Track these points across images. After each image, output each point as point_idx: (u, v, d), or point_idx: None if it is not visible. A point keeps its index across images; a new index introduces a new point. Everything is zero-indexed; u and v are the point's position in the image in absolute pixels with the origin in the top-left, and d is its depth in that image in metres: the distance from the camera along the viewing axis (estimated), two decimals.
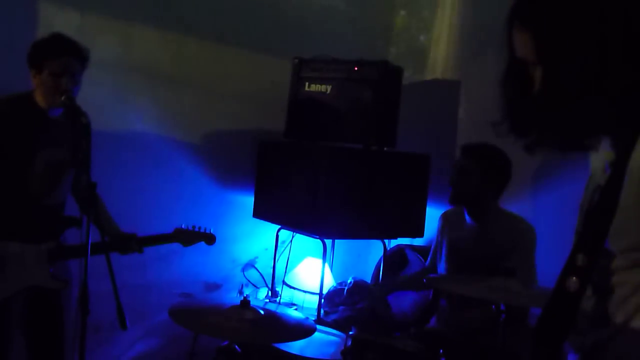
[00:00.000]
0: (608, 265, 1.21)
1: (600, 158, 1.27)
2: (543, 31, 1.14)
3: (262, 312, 2.45)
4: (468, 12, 4.07)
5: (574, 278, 1.11)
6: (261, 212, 3.82)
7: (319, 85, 3.64)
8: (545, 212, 3.32)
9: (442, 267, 3.22)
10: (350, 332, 2.65)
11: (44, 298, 2.77)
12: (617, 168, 1.14)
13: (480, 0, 3.99)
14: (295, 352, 2.66)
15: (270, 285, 3.94)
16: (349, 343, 2.59)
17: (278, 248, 3.92)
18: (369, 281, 3.83)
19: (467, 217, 3.11)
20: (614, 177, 1.13)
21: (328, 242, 3.73)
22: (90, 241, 2.33)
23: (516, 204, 3.26)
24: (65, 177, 2.82)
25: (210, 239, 3.06)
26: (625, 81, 1.10)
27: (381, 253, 3.87)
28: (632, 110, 1.12)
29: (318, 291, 3.59)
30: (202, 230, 3.04)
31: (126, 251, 2.90)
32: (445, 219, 3.29)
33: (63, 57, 2.61)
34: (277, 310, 2.62)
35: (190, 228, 3.02)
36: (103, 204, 2.92)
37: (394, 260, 3.88)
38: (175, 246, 3.04)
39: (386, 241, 3.89)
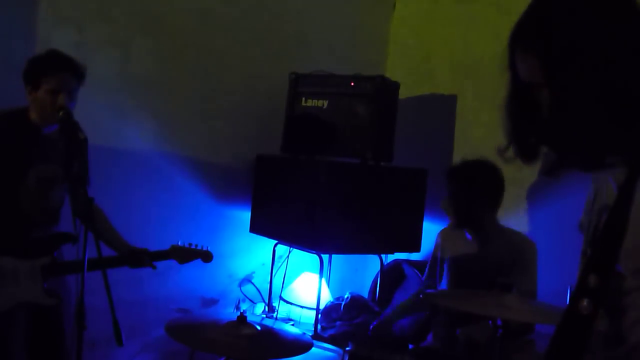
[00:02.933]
0: (619, 286, 1.20)
1: (603, 178, 1.26)
2: (549, 52, 1.13)
3: (259, 327, 2.44)
4: (462, 27, 4.10)
5: (587, 300, 1.09)
6: (258, 227, 3.82)
7: (316, 100, 3.66)
8: (541, 228, 3.33)
9: (442, 284, 3.20)
10: (348, 348, 2.65)
11: (45, 316, 2.75)
12: (626, 187, 1.12)
13: (474, 16, 4.02)
14: None
15: (267, 301, 3.93)
16: (346, 359, 2.58)
17: (275, 263, 3.91)
18: (366, 296, 3.82)
19: (466, 234, 3.10)
20: (624, 197, 1.11)
21: (325, 257, 3.73)
22: (87, 257, 2.32)
23: (512, 219, 3.27)
24: (59, 193, 2.81)
25: (206, 256, 3.03)
26: (635, 98, 1.09)
27: (378, 268, 3.86)
28: None
29: (315, 306, 3.58)
30: (198, 247, 3.01)
31: (139, 265, 2.90)
32: (443, 236, 3.27)
33: (60, 73, 2.61)
34: (274, 326, 2.61)
35: (187, 245, 3.00)
36: (107, 219, 2.92)
37: (391, 275, 3.87)
38: (172, 261, 3.03)
39: (383, 256, 3.88)
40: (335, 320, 3.52)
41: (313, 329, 3.50)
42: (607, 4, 1.12)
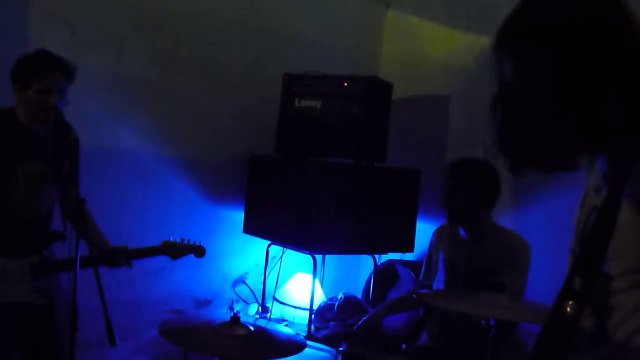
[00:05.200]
0: (605, 286, 1.21)
1: (595, 176, 1.28)
2: (526, 57, 1.15)
3: (252, 328, 2.44)
4: (455, 28, 4.11)
5: (572, 302, 1.10)
6: (251, 228, 3.82)
7: (309, 101, 3.66)
8: (533, 227, 3.33)
9: (437, 283, 3.21)
10: (341, 348, 2.65)
11: (37, 315, 2.73)
12: (614, 189, 1.13)
13: (467, 17, 4.03)
14: None
15: (260, 301, 3.93)
16: (340, 359, 2.58)
17: (268, 264, 3.91)
18: (359, 296, 3.83)
19: (461, 232, 3.10)
20: (612, 199, 1.12)
21: (318, 257, 3.73)
22: (78, 256, 2.30)
23: (504, 218, 3.27)
24: (47, 192, 2.79)
25: (199, 250, 3.00)
26: (611, 104, 1.10)
27: (372, 268, 3.87)
28: (627, 130, 1.12)
29: (308, 307, 3.58)
30: (190, 242, 3.00)
31: (114, 264, 2.86)
32: (439, 234, 3.27)
33: (51, 73, 2.59)
34: (268, 326, 2.61)
35: (179, 241, 2.99)
36: (92, 219, 2.90)
37: (384, 275, 3.88)
38: (165, 262, 3.02)
39: (376, 256, 3.89)
40: (328, 320, 3.52)
41: (306, 329, 3.50)
42: (592, 13, 1.13)
